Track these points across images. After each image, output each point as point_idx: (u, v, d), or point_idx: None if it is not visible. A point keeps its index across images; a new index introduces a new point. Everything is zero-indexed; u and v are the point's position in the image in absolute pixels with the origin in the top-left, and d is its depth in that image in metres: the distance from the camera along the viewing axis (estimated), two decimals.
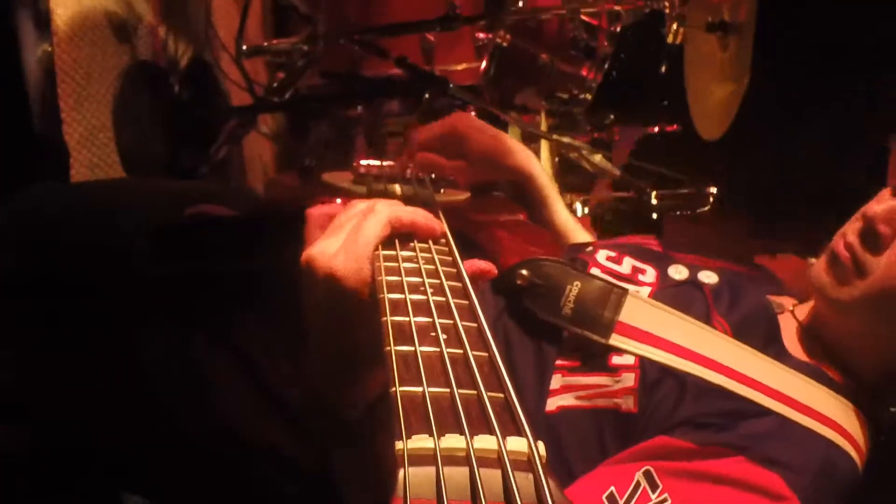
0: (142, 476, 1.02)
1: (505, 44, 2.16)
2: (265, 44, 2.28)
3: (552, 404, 0.89)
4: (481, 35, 2.31)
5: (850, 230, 0.94)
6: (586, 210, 2.08)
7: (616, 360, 0.89)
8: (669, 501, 0.78)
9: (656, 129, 2.56)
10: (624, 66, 2.19)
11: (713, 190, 1.89)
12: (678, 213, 1.84)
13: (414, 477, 0.42)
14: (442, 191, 1.13)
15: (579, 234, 1.23)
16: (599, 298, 0.91)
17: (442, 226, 0.75)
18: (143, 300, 0.99)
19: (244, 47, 2.20)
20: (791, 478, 0.81)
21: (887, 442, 0.91)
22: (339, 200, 0.99)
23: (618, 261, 1.03)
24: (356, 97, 2.06)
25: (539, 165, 1.23)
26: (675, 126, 2.50)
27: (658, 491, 0.78)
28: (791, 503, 0.80)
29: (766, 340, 0.93)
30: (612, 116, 2.24)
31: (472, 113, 1.75)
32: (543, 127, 2.09)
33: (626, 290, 0.92)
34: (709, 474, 0.81)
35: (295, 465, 0.90)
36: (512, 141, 1.24)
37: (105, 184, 1.58)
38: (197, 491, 0.99)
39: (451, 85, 1.74)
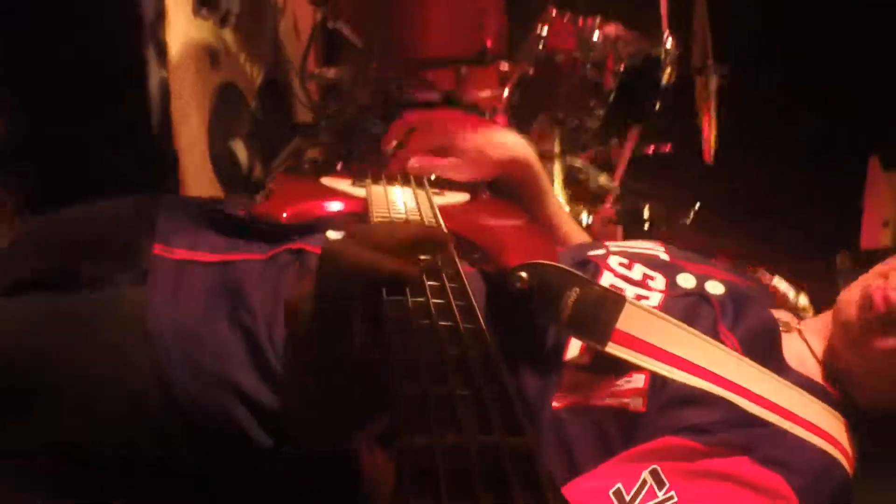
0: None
1: (530, 73, 2.59)
2: (317, 71, 2.69)
3: (560, 400, 0.89)
4: (505, 66, 2.74)
5: (894, 285, 0.95)
6: (590, 219, 2.49)
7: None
8: (676, 499, 0.79)
9: (651, 149, 2.99)
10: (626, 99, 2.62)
11: (696, 206, 2.30)
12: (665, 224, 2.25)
13: (413, 476, 0.42)
14: (442, 192, 1.17)
15: (572, 225, 1.25)
16: (597, 305, 0.89)
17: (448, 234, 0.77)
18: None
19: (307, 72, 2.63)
20: (792, 479, 0.83)
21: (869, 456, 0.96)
22: (340, 202, 1.09)
23: (629, 267, 1.03)
24: None
25: (533, 154, 1.22)
26: (668, 147, 2.93)
27: (665, 489, 0.79)
28: (790, 503, 0.83)
29: (768, 353, 0.95)
30: (615, 139, 2.65)
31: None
32: (556, 148, 2.51)
33: (624, 299, 0.90)
34: (713, 472, 0.82)
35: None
36: (503, 133, 1.22)
37: None
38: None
39: None
